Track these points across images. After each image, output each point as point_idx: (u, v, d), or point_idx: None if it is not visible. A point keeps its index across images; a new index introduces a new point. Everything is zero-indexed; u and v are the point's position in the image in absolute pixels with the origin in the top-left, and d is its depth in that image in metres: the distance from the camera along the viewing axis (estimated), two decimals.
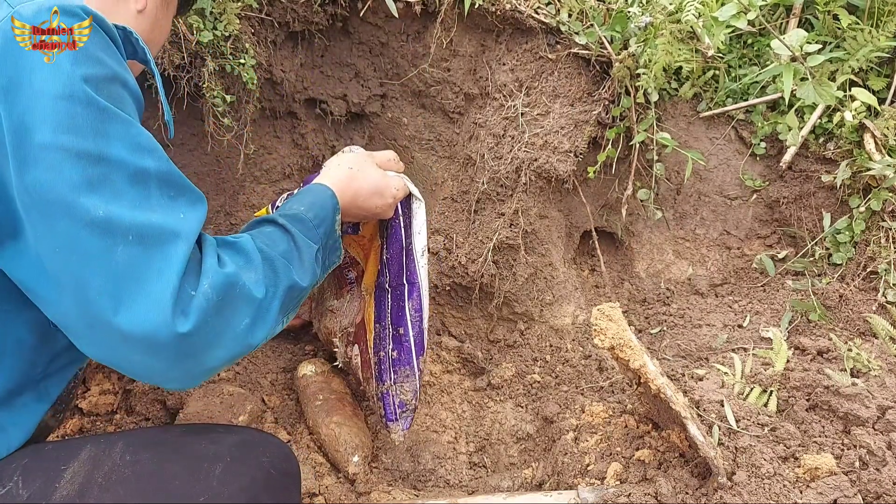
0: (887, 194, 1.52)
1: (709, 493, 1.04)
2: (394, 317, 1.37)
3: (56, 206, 0.69)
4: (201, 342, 0.74)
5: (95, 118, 0.71)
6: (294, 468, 0.97)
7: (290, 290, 0.86)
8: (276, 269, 0.86)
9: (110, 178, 0.71)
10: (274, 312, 0.84)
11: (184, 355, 0.73)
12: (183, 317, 0.72)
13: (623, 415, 1.36)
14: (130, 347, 0.72)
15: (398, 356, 1.37)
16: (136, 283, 0.70)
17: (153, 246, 0.72)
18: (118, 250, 0.70)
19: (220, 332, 0.76)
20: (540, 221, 1.70)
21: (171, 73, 1.49)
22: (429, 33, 1.77)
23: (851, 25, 1.56)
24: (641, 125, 1.66)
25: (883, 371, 1.26)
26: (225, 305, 0.76)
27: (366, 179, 1.15)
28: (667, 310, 1.69)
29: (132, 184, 0.73)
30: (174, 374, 0.76)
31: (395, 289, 1.36)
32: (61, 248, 0.70)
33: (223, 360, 0.78)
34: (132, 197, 0.72)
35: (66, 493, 0.79)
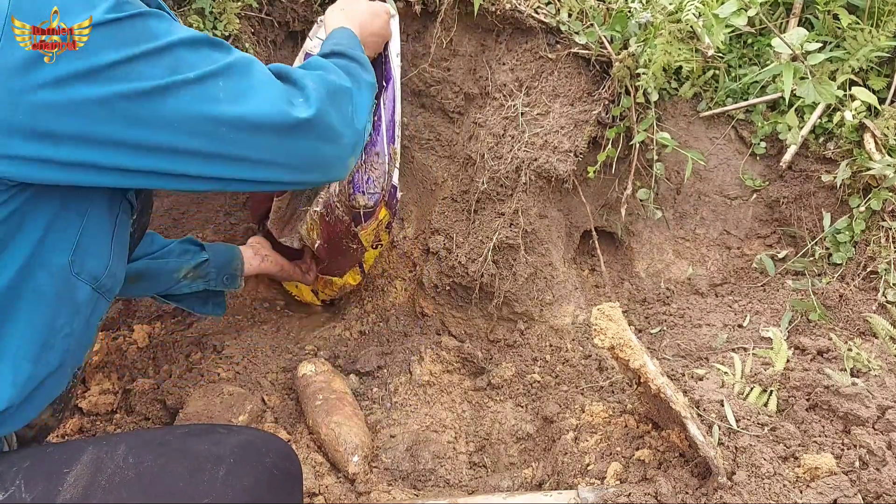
0: (887, 194, 1.52)
1: (709, 492, 1.04)
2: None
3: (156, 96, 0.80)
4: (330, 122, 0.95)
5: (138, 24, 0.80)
6: (296, 468, 0.97)
7: (368, 86, 1.10)
8: (350, 71, 1.07)
9: (179, 56, 0.83)
10: (365, 102, 1.07)
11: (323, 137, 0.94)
12: (305, 107, 0.92)
13: (623, 415, 1.36)
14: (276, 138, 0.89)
15: (370, 139, 1.50)
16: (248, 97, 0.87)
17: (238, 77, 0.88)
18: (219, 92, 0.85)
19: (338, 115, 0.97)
20: (540, 221, 1.70)
21: None
22: (429, 33, 1.77)
23: (851, 25, 1.55)
24: (641, 125, 1.66)
25: (883, 371, 1.26)
26: (332, 97, 0.97)
27: (360, 10, 1.38)
28: (667, 309, 1.69)
29: (193, 52, 0.85)
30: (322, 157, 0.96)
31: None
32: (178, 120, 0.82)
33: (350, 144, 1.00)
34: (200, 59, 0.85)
35: (70, 496, 0.79)
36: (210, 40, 0.89)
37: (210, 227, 1.81)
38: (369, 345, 1.76)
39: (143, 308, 1.78)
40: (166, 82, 0.80)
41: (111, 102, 0.77)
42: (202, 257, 1.49)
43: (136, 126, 0.80)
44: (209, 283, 1.53)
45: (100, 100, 0.76)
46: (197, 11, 1.46)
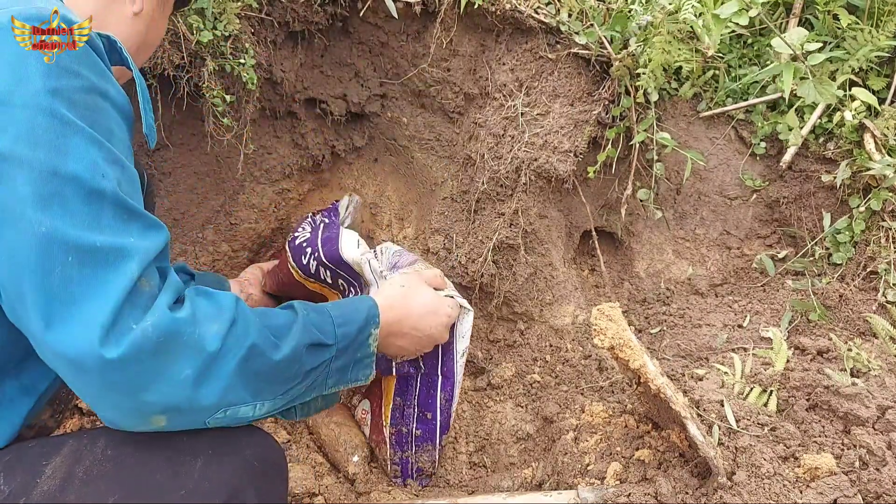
0: (887, 194, 1.52)
1: (709, 493, 1.04)
2: (421, 400, 1.39)
3: (5, 215, 0.69)
4: (131, 377, 0.72)
5: (57, 132, 0.70)
6: (279, 459, 0.96)
7: (251, 352, 0.80)
8: (248, 331, 0.80)
9: (62, 195, 0.70)
10: (226, 373, 0.78)
11: (111, 386, 0.71)
12: (114, 345, 0.69)
13: (623, 415, 1.36)
14: (61, 366, 0.72)
15: (422, 435, 1.39)
16: (70, 304, 0.69)
17: (94, 267, 0.71)
18: (56, 269, 0.69)
19: (153, 374, 0.73)
20: (540, 221, 1.70)
21: (170, 73, 1.49)
22: (429, 33, 1.77)
23: (851, 25, 1.56)
24: (641, 125, 1.66)
25: (883, 371, 1.26)
26: (164, 349, 0.73)
27: (418, 297, 1.14)
28: (667, 310, 1.69)
29: (85, 203, 0.71)
30: (106, 405, 0.75)
31: (426, 375, 1.37)
32: (4, 255, 0.70)
33: (158, 405, 0.75)
34: (82, 216, 0.71)
35: (47, 488, 0.79)
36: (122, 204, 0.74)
37: (210, 227, 1.81)
38: None
39: None
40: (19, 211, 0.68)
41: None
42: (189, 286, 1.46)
43: None
44: None
45: None
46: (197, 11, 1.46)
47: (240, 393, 0.81)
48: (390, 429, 1.41)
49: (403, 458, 1.41)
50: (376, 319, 1.01)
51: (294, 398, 0.92)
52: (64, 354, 0.70)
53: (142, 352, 0.71)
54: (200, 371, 0.76)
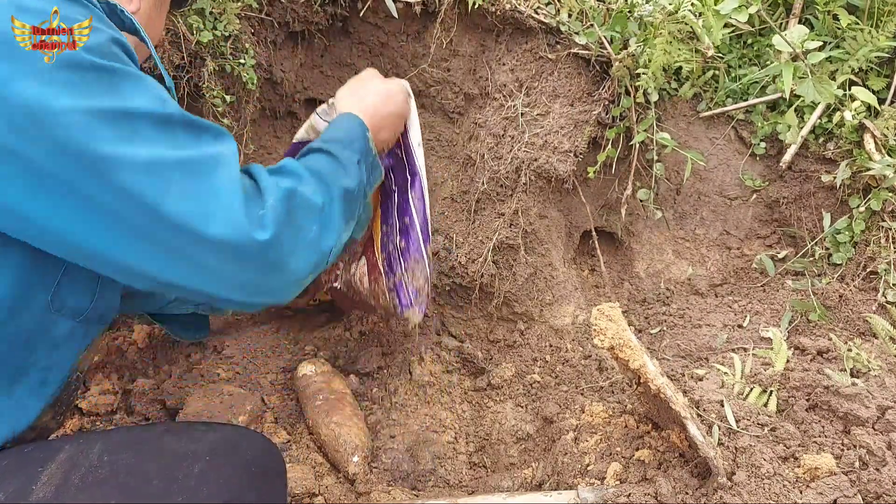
0: (887, 194, 1.52)
1: (709, 493, 1.04)
2: (399, 210, 1.41)
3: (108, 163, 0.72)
4: (282, 250, 0.82)
5: (107, 79, 0.74)
6: (278, 464, 0.96)
7: (344, 195, 0.95)
8: (325, 180, 0.93)
9: (138, 129, 0.74)
10: (336, 218, 0.93)
11: (270, 265, 0.81)
12: (260, 228, 0.79)
13: (623, 415, 1.36)
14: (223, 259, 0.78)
15: (406, 245, 1.41)
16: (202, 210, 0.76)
17: (201, 175, 0.77)
18: (171, 188, 0.74)
19: (295, 239, 0.84)
20: (540, 221, 1.70)
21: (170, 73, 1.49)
22: (429, 33, 1.77)
23: (851, 25, 1.56)
24: (641, 125, 1.66)
25: (883, 371, 1.26)
26: (293, 215, 0.84)
27: (374, 92, 1.23)
28: (667, 310, 1.69)
29: (159, 130, 0.76)
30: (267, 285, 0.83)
31: (400, 187, 1.41)
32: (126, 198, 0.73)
33: (305, 268, 0.87)
34: (163, 140, 0.76)
35: (43, 494, 0.78)
36: (189, 121, 0.80)
37: None
38: (369, 345, 1.76)
39: None
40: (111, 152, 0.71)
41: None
42: None
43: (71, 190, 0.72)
44: (198, 307, 1.56)
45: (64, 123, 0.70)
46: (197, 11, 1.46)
47: (345, 226, 0.97)
48: (382, 256, 1.43)
49: (398, 283, 1.42)
50: (364, 125, 1.11)
51: (360, 212, 1.07)
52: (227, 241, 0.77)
53: (281, 224, 0.81)
54: (321, 224, 0.89)
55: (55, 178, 0.71)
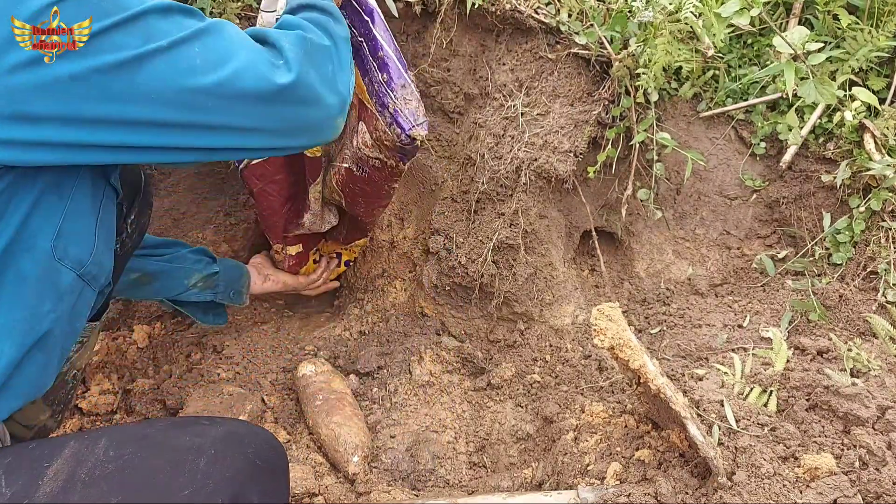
0: (887, 194, 1.52)
1: (709, 493, 1.04)
2: (371, 51, 1.42)
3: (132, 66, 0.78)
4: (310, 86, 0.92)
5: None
6: (281, 459, 0.96)
7: (346, 38, 1.07)
8: (325, 27, 1.03)
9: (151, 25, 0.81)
10: (345, 58, 1.03)
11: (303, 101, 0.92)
12: (286, 72, 0.89)
13: (623, 415, 1.36)
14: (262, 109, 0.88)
15: (389, 76, 1.42)
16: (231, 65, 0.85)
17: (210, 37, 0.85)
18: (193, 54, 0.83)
19: (318, 76, 0.94)
20: (540, 221, 1.70)
21: None
22: (429, 33, 1.77)
23: (851, 25, 1.56)
24: (641, 125, 1.66)
25: (883, 371, 1.26)
26: (310, 55, 0.93)
27: None
28: (667, 310, 1.69)
29: (165, 19, 0.83)
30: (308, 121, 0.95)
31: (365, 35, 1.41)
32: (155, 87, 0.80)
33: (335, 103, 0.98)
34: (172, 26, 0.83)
35: (50, 489, 0.79)
36: (180, 7, 0.87)
37: (210, 227, 1.81)
38: (369, 345, 1.76)
39: (143, 308, 1.78)
40: (139, 52, 0.79)
41: (86, 78, 0.77)
42: (214, 269, 1.54)
43: (114, 101, 0.79)
44: (217, 295, 1.58)
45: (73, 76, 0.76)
46: None
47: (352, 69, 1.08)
48: (373, 102, 1.44)
49: (394, 112, 1.42)
50: None
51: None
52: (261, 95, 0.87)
53: (303, 65, 0.91)
54: (335, 63, 1.00)
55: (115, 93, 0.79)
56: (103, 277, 1.00)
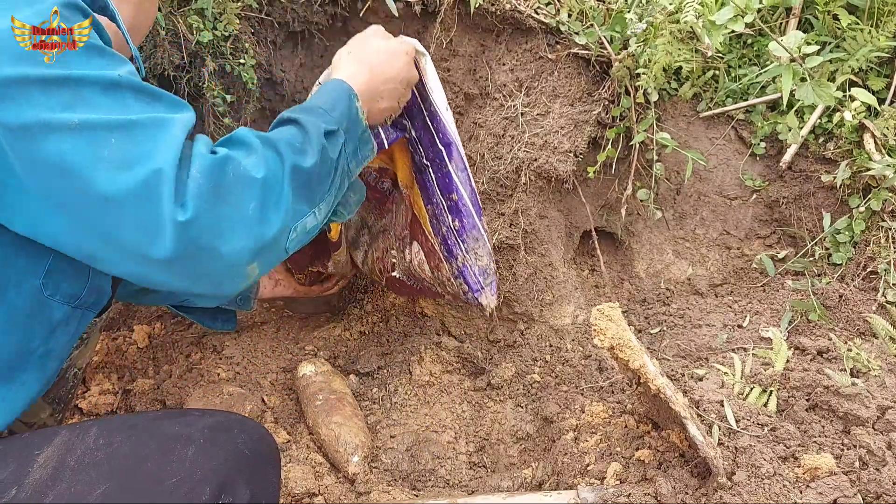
0: (887, 194, 1.52)
1: (709, 493, 1.04)
2: (442, 187, 1.29)
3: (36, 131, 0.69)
4: (204, 230, 0.73)
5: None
6: (271, 450, 0.96)
7: (294, 171, 0.83)
8: (279, 150, 0.83)
9: (81, 95, 0.72)
10: (287, 195, 0.81)
11: (194, 247, 0.73)
12: (181, 207, 0.71)
13: (623, 415, 1.36)
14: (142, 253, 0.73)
15: (461, 224, 1.29)
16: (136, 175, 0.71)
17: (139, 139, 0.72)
18: (104, 152, 0.70)
19: (224, 217, 0.75)
20: (540, 221, 1.70)
21: (170, 73, 1.49)
22: (429, 33, 1.77)
23: (851, 25, 1.56)
24: (641, 125, 1.66)
25: (883, 371, 1.26)
26: (221, 189, 0.74)
27: (371, 51, 1.10)
28: (667, 310, 1.69)
29: (105, 94, 0.73)
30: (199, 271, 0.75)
31: (433, 161, 1.28)
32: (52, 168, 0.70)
33: (242, 252, 0.77)
34: (108, 105, 0.73)
35: (39, 476, 0.79)
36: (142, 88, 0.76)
37: None
38: (369, 345, 1.76)
39: (143, 308, 1.78)
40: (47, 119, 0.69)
41: None
42: None
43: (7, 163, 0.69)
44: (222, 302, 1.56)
45: None
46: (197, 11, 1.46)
47: (301, 207, 0.84)
48: (437, 240, 1.32)
49: (462, 267, 1.30)
50: (353, 93, 1.00)
51: (337, 192, 0.95)
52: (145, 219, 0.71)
53: (203, 199, 0.73)
54: (262, 200, 0.78)
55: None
56: (104, 300, 0.99)
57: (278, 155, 0.83)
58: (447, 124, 1.24)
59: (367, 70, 1.06)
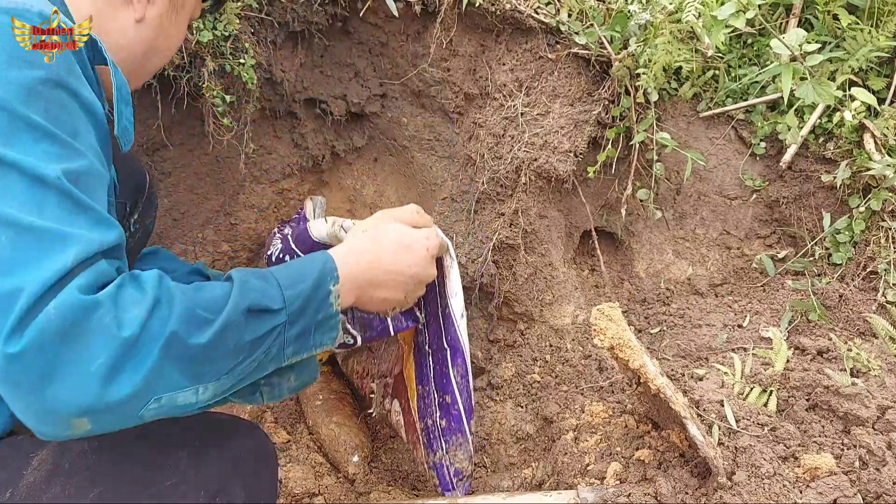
0: (887, 194, 1.52)
1: (709, 493, 1.04)
2: (438, 382, 1.29)
3: None
4: (34, 370, 0.65)
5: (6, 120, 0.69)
6: (268, 452, 0.96)
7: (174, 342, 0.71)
8: (171, 315, 0.72)
9: (4, 179, 0.68)
10: (148, 360, 0.69)
11: (15, 383, 0.65)
12: (17, 335, 0.64)
13: (623, 415, 1.36)
14: None
15: (448, 425, 1.28)
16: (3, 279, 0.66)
17: (27, 248, 0.66)
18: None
19: (60, 362, 0.66)
20: (540, 221, 1.70)
21: (170, 73, 1.49)
22: (429, 33, 1.77)
23: (851, 25, 1.56)
24: (641, 125, 1.66)
25: (883, 371, 1.26)
26: (71, 334, 0.66)
27: (386, 236, 1.01)
28: (667, 310, 1.69)
29: (28, 188, 0.68)
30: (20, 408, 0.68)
31: (435, 352, 1.28)
32: None
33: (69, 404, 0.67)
34: (24, 200, 0.68)
35: (33, 479, 0.79)
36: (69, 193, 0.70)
37: (210, 227, 1.81)
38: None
39: None
40: None
41: None
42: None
43: None
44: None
45: None
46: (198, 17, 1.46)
47: (172, 379, 0.72)
48: (420, 424, 1.33)
49: (438, 463, 1.30)
50: (334, 274, 0.90)
51: (244, 376, 0.82)
52: None
53: (45, 337, 0.64)
54: (116, 359, 0.68)
55: None
56: None
57: (162, 319, 0.71)
58: (459, 331, 1.20)
59: (373, 255, 0.98)
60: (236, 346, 0.78)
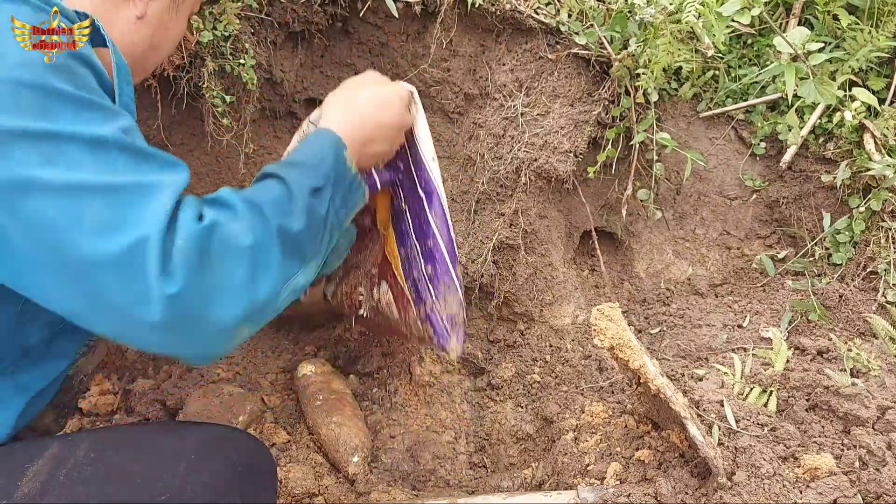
0: (887, 194, 1.52)
1: (709, 493, 1.04)
2: (417, 232, 1.29)
3: (15, 188, 0.67)
4: (196, 300, 0.70)
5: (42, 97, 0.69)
6: (266, 464, 0.95)
7: (281, 234, 0.79)
8: (265, 214, 0.79)
9: (64, 151, 0.69)
10: (275, 261, 0.78)
11: (183, 318, 0.70)
12: (169, 277, 0.68)
13: (623, 415, 1.36)
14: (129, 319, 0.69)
15: (433, 271, 1.28)
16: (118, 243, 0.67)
17: (125, 205, 0.69)
18: (86, 216, 0.67)
19: (213, 286, 0.71)
20: (540, 221, 1.70)
21: (170, 73, 1.49)
22: (429, 33, 1.77)
23: (851, 25, 1.56)
24: (641, 125, 1.66)
25: (883, 371, 1.26)
26: (209, 257, 0.71)
27: (365, 99, 1.08)
28: (667, 310, 1.69)
29: (91, 152, 0.70)
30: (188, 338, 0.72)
31: (412, 206, 1.28)
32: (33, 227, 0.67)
33: (232, 318, 0.73)
34: (93, 164, 0.69)
35: (28, 490, 0.78)
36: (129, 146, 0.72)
37: None
38: (369, 345, 1.76)
39: None
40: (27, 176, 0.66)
41: None
42: None
43: None
44: None
45: None
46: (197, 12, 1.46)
47: (291, 268, 0.82)
48: (406, 284, 1.32)
49: (429, 312, 1.28)
50: (341, 142, 0.97)
51: (327, 247, 0.93)
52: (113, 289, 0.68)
53: (191, 270, 0.69)
54: (251, 266, 0.75)
55: None
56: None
57: (264, 219, 0.79)
58: (431, 173, 1.23)
59: (358, 117, 1.04)
60: (318, 224, 0.87)
